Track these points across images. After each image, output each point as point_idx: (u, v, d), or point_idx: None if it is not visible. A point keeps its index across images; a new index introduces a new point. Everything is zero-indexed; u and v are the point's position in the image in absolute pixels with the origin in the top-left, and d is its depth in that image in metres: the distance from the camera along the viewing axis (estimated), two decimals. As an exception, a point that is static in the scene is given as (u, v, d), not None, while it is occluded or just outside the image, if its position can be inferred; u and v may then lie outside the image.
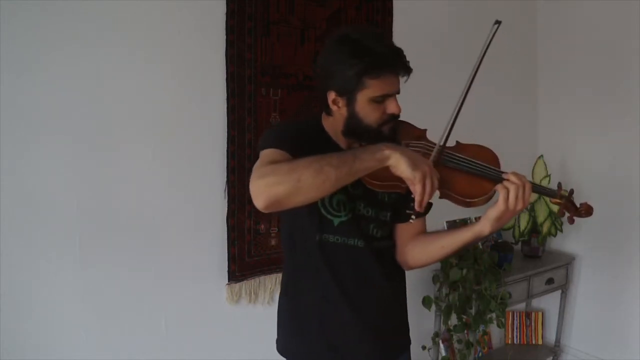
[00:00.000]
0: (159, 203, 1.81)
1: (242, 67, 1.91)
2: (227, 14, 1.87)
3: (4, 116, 1.51)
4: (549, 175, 2.69)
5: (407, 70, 1.11)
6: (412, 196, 1.02)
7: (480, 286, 2.32)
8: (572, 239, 2.92)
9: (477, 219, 1.18)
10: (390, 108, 1.12)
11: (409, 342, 1.41)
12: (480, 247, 2.63)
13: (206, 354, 1.95)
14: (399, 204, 1.23)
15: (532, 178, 2.81)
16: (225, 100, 1.89)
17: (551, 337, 2.97)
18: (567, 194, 1.17)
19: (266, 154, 1.08)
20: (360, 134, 1.14)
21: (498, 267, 2.45)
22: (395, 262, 1.31)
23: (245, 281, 2.00)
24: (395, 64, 1.09)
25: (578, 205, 1.19)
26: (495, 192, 1.09)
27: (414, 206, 1.03)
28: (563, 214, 1.20)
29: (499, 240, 2.74)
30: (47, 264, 1.61)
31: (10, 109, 1.52)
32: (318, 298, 1.24)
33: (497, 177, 1.10)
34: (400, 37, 2.33)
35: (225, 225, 1.94)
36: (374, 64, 1.07)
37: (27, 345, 1.60)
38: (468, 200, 1.10)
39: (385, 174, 1.05)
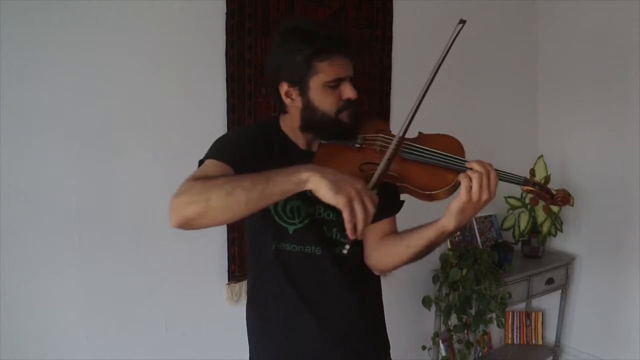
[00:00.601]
0: (159, 203, 1.80)
1: (242, 67, 1.91)
2: (227, 14, 1.86)
3: (4, 116, 1.51)
4: (549, 175, 2.69)
5: (355, 52, 1.09)
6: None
7: (480, 286, 2.32)
8: (572, 239, 2.92)
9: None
10: (346, 93, 1.08)
11: (386, 347, 1.33)
12: (481, 247, 2.64)
13: (206, 354, 1.95)
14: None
15: (532, 178, 2.80)
16: (225, 100, 1.89)
17: (551, 337, 2.98)
18: (539, 182, 1.08)
19: (202, 166, 1.05)
20: (319, 126, 1.10)
21: (498, 267, 2.45)
22: (364, 267, 1.21)
23: (245, 281, 2.00)
24: (343, 45, 1.07)
25: (554, 193, 1.10)
26: (459, 182, 1.00)
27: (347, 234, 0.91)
28: (537, 203, 1.12)
29: (499, 240, 2.74)
30: (47, 264, 1.61)
31: (10, 109, 1.51)
32: (281, 308, 1.19)
33: (460, 167, 1.03)
34: (400, 37, 2.34)
35: (225, 225, 1.94)
36: (322, 46, 1.04)
37: (27, 345, 1.60)
38: (429, 192, 1.03)
39: (345, 167, 1.03)
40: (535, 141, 3.05)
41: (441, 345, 2.53)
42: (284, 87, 1.09)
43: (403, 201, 1.19)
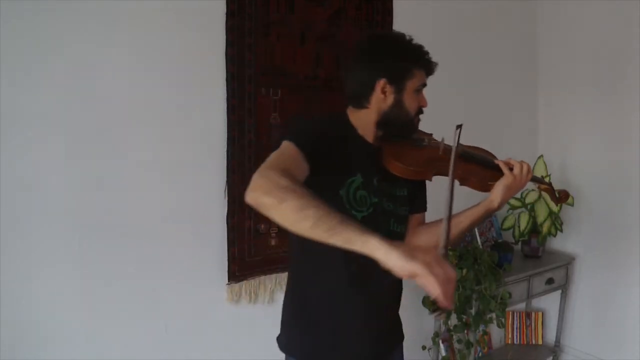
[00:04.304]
0: (159, 203, 1.81)
1: (242, 67, 1.91)
2: (227, 14, 1.87)
3: (4, 116, 1.51)
4: (549, 175, 2.69)
5: (435, 69, 1.28)
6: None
7: (480, 286, 2.32)
8: (572, 239, 2.92)
9: None
10: (423, 100, 1.27)
11: (402, 336, 1.47)
12: (481, 247, 2.63)
13: (206, 354, 1.95)
14: (413, 198, 1.35)
15: (532, 178, 2.81)
16: (225, 100, 1.89)
17: (551, 337, 2.97)
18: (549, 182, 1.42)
19: (284, 148, 1.10)
20: (397, 124, 1.24)
21: (498, 267, 2.45)
22: None
23: (245, 281, 2.00)
24: (432, 62, 1.26)
25: (557, 194, 1.43)
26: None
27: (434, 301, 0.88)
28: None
29: (499, 240, 2.74)
30: (46, 265, 1.61)
31: (10, 109, 1.52)
32: (335, 291, 1.26)
33: (499, 166, 1.31)
34: (400, 37, 2.34)
35: (225, 225, 1.94)
36: (421, 57, 1.24)
37: (27, 345, 1.60)
38: (490, 182, 1.29)
39: (417, 160, 1.23)
40: (535, 141, 3.05)
41: (441, 345, 2.53)
42: (381, 84, 1.22)
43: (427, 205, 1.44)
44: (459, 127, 1.18)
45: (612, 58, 2.67)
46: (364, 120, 1.26)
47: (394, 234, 1.27)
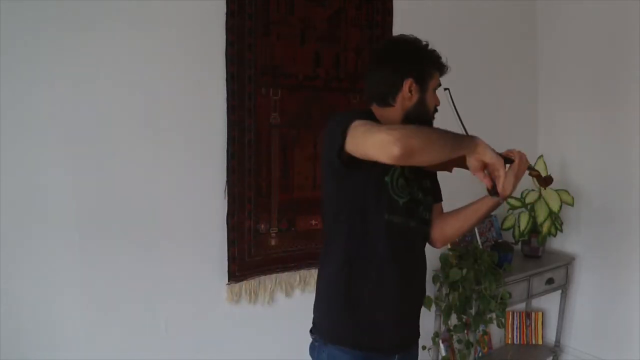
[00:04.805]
0: (159, 203, 1.81)
1: (242, 67, 1.91)
2: (227, 14, 1.87)
3: (4, 116, 1.51)
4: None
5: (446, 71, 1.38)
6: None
7: (480, 286, 2.32)
8: (572, 239, 2.92)
9: None
10: (437, 99, 1.36)
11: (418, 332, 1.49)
12: (481, 247, 2.63)
13: (206, 354, 1.95)
14: (434, 189, 1.45)
15: (532, 178, 2.81)
16: (225, 100, 1.89)
17: (551, 337, 2.97)
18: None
19: (360, 122, 1.14)
20: (418, 121, 1.30)
21: (498, 267, 2.45)
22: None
23: (245, 281, 2.00)
24: (445, 63, 1.36)
25: (542, 175, 1.48)
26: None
27: (494, 191, 1.17)
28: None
29: (499, 240, 2.74)
30: (47, 264, 1.61)
31: (10, 109, 1.52)
32: (376, 277, 1.30)
33: (508, 159, 1.32)
34: (400, 37, 2.34)
35: (225, 225, 1.94)
36: (437, 59, 1.34)
37: (27, 345, 1.61)
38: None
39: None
40: (535, 141, 3.05)
41: (441, 345, 2.53)
42: (408, 83, 1.30)
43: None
44: (447, 89, 1.33)
45: (612, 58, 2.66)
46: (388, 117, 1.32)
47: (424, 221, 1.38)
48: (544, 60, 2.99)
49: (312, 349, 1.38)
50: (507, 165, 1.22)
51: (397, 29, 2.32)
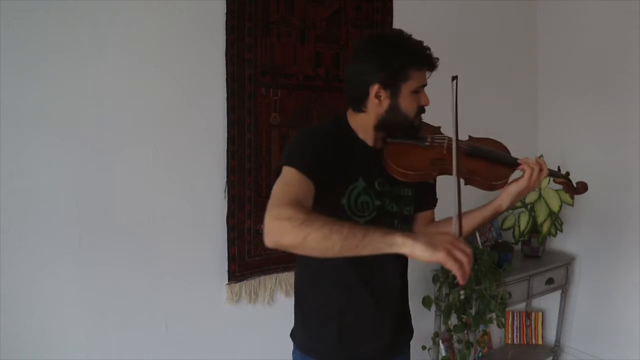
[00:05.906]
0: (159, 203, 1.81)
1: (242, 67, 1.91)
2: (227, 14, 1.87)
3: (5, 117, 1.51)
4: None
5: (436, 64, 1.22)
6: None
7: (480, 286, 2.32)
8: (572, 239, 2.93)
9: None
10: (423, 100, 1.23)
11: (412, 332, 1.48)
12: (480, 247, 2.63)
13: (206, 354, 1.95)
14: (420, 196, 1.34)
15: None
16: (225, 100, 1.89)
17: (551, 337, 2.97)
18: (566, 175, 1.37)
19: (287, 177, 1.10)
20: (394, 127, 1.22)
21: (498, 267, 2.45)
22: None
23: (245, 281, 2.00)
24: (431, 58, 1.20)
25: (575, 185, 1.40)
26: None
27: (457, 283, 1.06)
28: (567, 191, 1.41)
29: (499, 240, 2.74)
30: (47, 264, 1.61)
31: (10, 110, 1.52)
32: (344, 293, 1.28)
33: (511, 162, 1.26)
34: (400, 37, 2.34)
35: (225, 225, 1.94)
36: (417, 56, 1.18)
37: (27, 345, 1.60)
38: (494, 183, 1.25)
39: (418, 163, 1.20)
40: (535, 141, 3.05)
41: (441, 345, 2.53)
42: (374, 89, 1.18)
43: (437, 199, 1.43)
44: (455, 78, 1.17)
45: (612, 58, 2.66)
46: (362, 124, 1.25)
47: None
48: (544, 60, 2.99)
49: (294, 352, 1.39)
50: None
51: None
